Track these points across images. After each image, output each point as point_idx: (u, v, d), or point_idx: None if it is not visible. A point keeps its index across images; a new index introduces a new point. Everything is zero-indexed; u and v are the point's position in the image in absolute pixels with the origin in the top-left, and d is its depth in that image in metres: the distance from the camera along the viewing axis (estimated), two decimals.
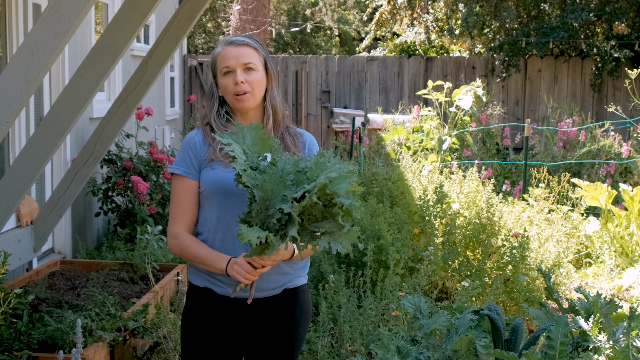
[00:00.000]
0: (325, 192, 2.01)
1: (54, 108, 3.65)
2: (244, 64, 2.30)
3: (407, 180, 6.22)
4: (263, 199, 2.04)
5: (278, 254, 2.18)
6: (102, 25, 6.98)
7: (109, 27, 3.61)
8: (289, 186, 2.03)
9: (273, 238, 2.01)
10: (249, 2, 13.13)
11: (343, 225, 2.03)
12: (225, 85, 2.32)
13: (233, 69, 2.30)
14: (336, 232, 2.04)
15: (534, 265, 5.05)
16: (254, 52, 2.33)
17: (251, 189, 2.04)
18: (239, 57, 2.31)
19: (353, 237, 2.05)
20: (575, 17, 10.82)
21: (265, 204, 2.05)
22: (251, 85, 2.31)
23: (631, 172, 8.21)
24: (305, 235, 2.07)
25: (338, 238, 2.04)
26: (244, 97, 2.31)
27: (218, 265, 2.23)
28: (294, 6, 20.86)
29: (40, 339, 3.47)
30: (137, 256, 4.96)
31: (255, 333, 2.37)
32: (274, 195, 2.04)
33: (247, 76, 2.31)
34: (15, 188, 3.66)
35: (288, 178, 2.04)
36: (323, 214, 2.07)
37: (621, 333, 2.76)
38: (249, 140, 2.11)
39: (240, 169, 2.04)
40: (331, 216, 2.05)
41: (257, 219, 2.06)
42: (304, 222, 2.07)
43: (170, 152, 6.66)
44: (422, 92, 9.48)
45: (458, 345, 2.71)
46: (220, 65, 2.33)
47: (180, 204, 2.33)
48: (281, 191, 2.03)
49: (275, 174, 2.05)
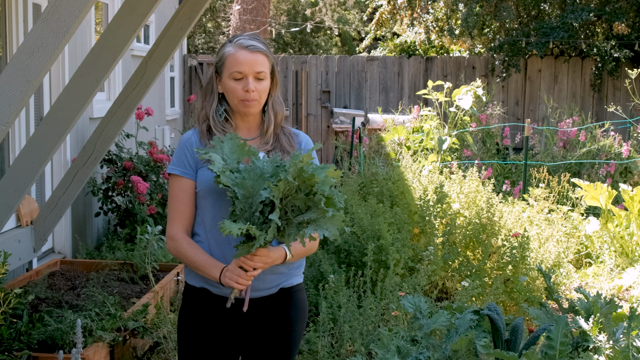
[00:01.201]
0: (303, 177, 2.04)
1: (54, 108, 3.65)
2: (257, 72, 2.31)
3: (407, 180, 6.22)
4: (245, 196, 2.08)
5: (268, 255, 2.19)
6: (102, 25, 6.98)
7: (109, 27, 3.61)
8: (268, 179, 2.08)
9: (255, 230, 2.04)
10: (249, 2, 13.13)
11: (327, 211, 2.05)
12: (234, 89, 2.32)
13: (245, 75, 2.30)
14: (321, 218, 2.07)
15: (534, 265, 5.05)
16: (265, 59, 2.33)
17: (231, 187, 2.08)
18: (253, 64, 2.30)
19: (338, 221, 2.07)
20: (575, 17, 10.82)
21: (248, 201, 2.09)
22: (259, 94, 2.33)
23: (631, 172, 8.21)
24: (291, 228, 2.10)
25: (324, 225, 2.07)
26: (252, 104, 2.32)
27: (212, 274, 2.25)
28: (294, 6, 20.85)
29: (40, 339, 3.47)
30: (137, 256, 4.96)
31: (252, 332, 2.37)
32: (256, 191, 2.08)
33: (257, 85, 2.31)
34: (15, 188, 3.66)
35: (266, 172, 2.09)
36: (306, 204, 2.10)
37: (621, 333, 2.76)
38: (227, 149, 2.17)
39: (219, 170, 2.09)
40: (314, 205, 2.08)
41: (241, 217, 2.09)
42: (288, 215, 2.10)
43: (170, 152, 6.66)
44: (422, 92, 9.48)
45: (458, 345, 2.71)
46: (231, 68, 2.31)
47: (177, 205, 2.34)
48: (261, 185, 2.07)
49: (254, 171, 2.10)
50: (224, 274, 2.21)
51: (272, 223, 2.05)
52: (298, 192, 2.09)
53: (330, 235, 2.06)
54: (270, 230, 2.06)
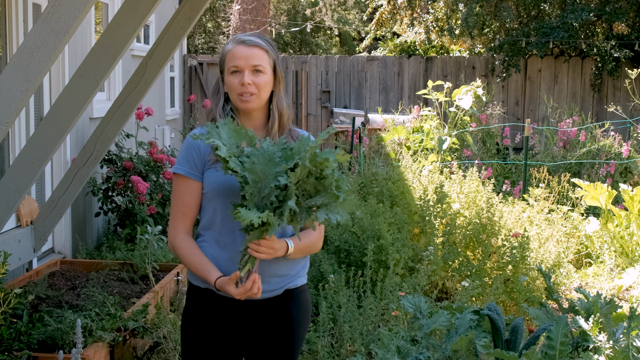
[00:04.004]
0: (316, 160, 2.02)
1: (54, 108, 3.65)
2: (253, 65, 2.29)
3: (407, 180, 6.22)
4: (255, 181, 2.05)
5: (273, 246, 2.17)
6: (102, 25, 6.98)
7: (109, 27, 3.61)
8: (279, 163, 2.05)
9: (272, 217, 2.01)
10: (249, 2, 13.13)
11: (338, 196, 2.04)
12: (231, 83, 2.31)
13: (241, 69, 2.29)
14: (332, 203, 2.06)
15: (534, 265, 5.05)
16: (264, 54, 2.32)
17: (241, 173, 2.05)
18: (249, 58, 2.29)
19: (349, 205, 2.06)
20: (575, 17, 10.82)
21: (258, 185, 2.06)
22: (257, 87, 2.30)
23: (631, 172, 8.21)
24: (301, 212, 2.08)
25: (334, 209, 2.05)
26: (249, 98, 2.31)
27: (208, 279, 2.26)
28: (294, 6, 20.85)
29: (40, 339, 3.46)
30: (137, 256, 4.96)
31: (256, 333, 2.36)
32: (265, 175, 2.05)
33: (255, 78, 2.29)
34: (15, 188, 3.66)
35: (276, 156, 2.07)
36: (316, 188, 2.08)
37: (621, 333, 2.76)
38: (225, 134, 2.13)
39: (225, 156, 2.06)
40: (324, 189, 2.06)
41: (251, 203, 2.06)
42: (299, 199, 2.08)
43: (170, 152, 6.66)
44: (422, 92, 9.48)
45: (458, 345, 2.71)
46: (229, 63, 2.31)
47: (181, 205, 2.33)
48: (272, 170, 2.05)
49: (263, 154, 2.07)
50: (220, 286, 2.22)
51: (285, 208, 2.02)
52: (309, 176, 2.06)
53: (342, 219, 2.04)
54: (285, 217, 2.03)
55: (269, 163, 2.05)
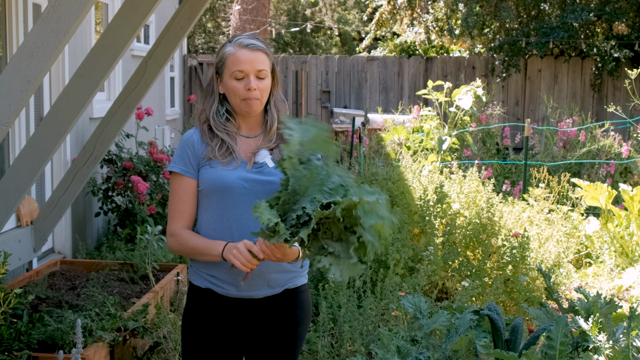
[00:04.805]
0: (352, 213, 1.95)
1: (54, 108, 3.65)
2: (258, 70, 2.30)
3: (407, 180, 6.22)
4: (295, 191, 2.01)
5: (280, 250, 2.13)
6: (102, 25, 6.98)
7: (109, 27, 3.61)
8: (324, 192, 1.99)
9: (283, 228, 1.96)
10: (249, 2, 13.14)
11: (351, 257, 1.97)
12: (235, 88, 2.31)
13: (247, 74, 2.30)
14: (343, 259, 1.98)
15: (534, 265, 5.05)
16: (266, 58, 2.33)
17: (288, 176, 2.01)
18: (254, 62, 2.30)
19: (355, 271, 1.98)
20: (575, 17, 10.82)
21: (294, 197, 2.02)
22: (261, 92, 2.32)
23: (631, 172, 8.21)
24: (315, 246, 2.03)
25: (341, 265, 1.98)
26: (254, 102, 2.32)
27: (215, 251, 2.22)
28: (294, 6, 20.86)
29: (40, 339, 3.46)
30: (137, 256, 4.96)
31: (256, 333, 2.37)
32: (306, 193, 2.01)
33: (259, 83, 2.31)
34: (15, 188, 3.66)
35: (327, 184, 2.00)
36: (340, 236, 2.01)
37: (621, 333, 2.76)
38: (310, 134, 2.08)
39: (288, 154, 2.02)
40: (345, 241, 1.99)
41: (280, 208, 2.02)
42: (319, 233, 2.02)
43: (170, 152, 6.66)
44: (422, 92, 9.48)
45: (458, 345, 2.71)
46: (232, 67, 2.31)
47: (178, 203, 2.34)
48: (314, 193, 1.99)
49: (318, 174, 2.01)
50: (229, 250, 2.17)
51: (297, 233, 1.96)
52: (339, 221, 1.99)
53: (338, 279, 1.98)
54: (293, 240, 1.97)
55: (317, 185, 1.99)
